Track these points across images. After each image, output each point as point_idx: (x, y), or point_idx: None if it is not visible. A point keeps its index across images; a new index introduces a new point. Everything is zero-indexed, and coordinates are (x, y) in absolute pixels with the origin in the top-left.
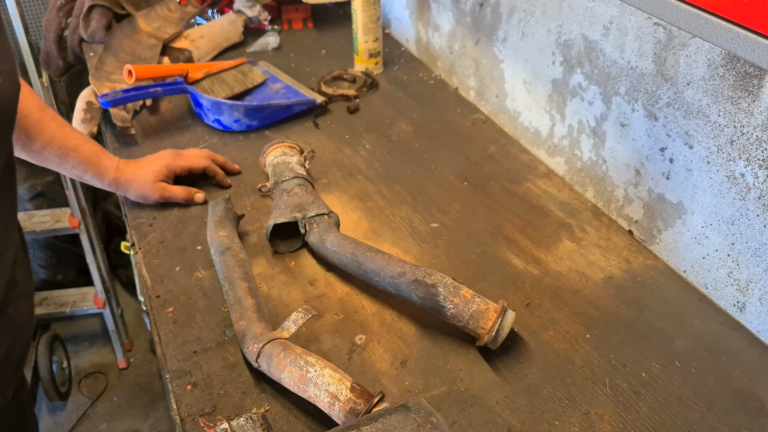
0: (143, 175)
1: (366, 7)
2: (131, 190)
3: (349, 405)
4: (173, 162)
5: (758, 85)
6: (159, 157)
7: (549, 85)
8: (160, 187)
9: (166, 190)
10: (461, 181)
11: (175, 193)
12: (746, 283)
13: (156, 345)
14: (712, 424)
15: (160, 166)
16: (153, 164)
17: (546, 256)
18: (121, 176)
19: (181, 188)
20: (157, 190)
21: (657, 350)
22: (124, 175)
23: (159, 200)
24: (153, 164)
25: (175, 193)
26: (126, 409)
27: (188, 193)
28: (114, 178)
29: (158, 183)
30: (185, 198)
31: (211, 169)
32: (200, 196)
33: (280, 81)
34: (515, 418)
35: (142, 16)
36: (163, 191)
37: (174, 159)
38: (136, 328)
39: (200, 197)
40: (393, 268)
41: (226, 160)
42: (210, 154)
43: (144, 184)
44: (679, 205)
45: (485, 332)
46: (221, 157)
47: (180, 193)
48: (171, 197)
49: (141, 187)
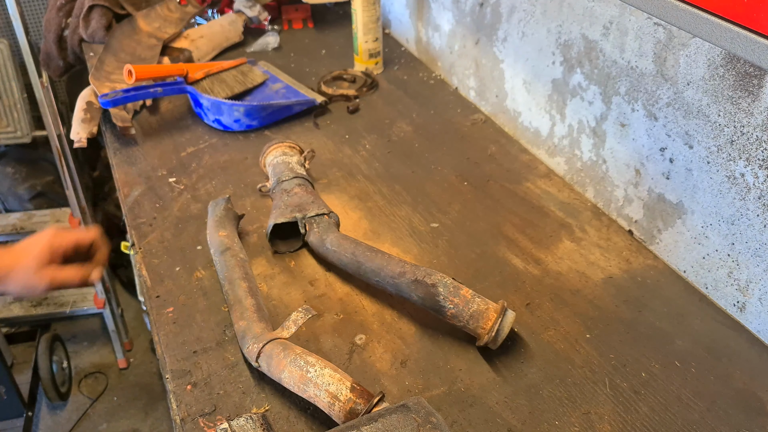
0: (23, 263)
1: (366, 7)
2: (11, 284)
3: (349, 405)
4: (55, 239)
5: (758, 85)
6: (38, 238)
7: (549, 85)
8: (47, 274)
9: (56, 277)
10: (461, 181)
11: (67, 277)
12: (746, 283)
13: (156, 345)
14: (712, 424)
15: (41, 247)
16: (33, 247)
17: (546, 256)
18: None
19: (73, 269)
20: (44, 277)
21: (657, 350)
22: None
23: (48, 289)
24: (33, 247)
25: (68, 277)
26: (126, 409)
27: (84, 273)
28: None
29: (44, 269)
30: (81, 278)
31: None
32: (97, 275)
33: (280, 81)
34: (515, 418)
35: (142, 16)
36: (52, 278)
37: (56, 235)
38: (136, 328)
39: (97, 276)
40: (393, 268)
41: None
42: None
43: (26, 272)
44: (679, 205)
45: (485, 332)
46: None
47: (74, 276)
48: (63, 283)
49: (23, 278)
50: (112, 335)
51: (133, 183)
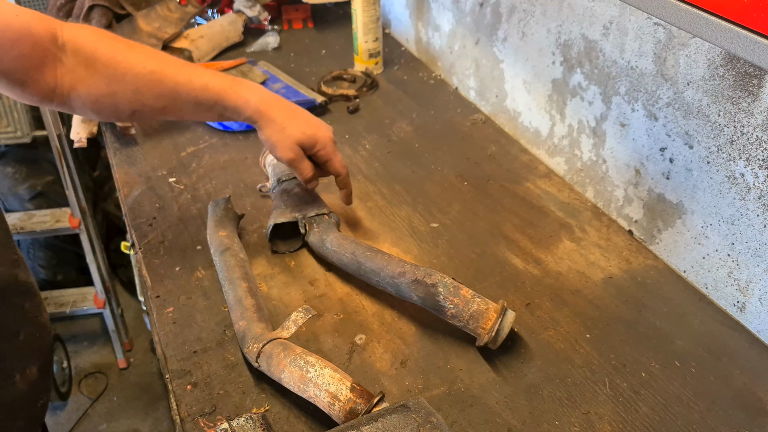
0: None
1: (366, 7)
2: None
3: (349, 405)
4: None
5: (758, 85)
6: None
7: (549, 85)
8: (297, 152)
9: (298, 160)
10: (461, 181)
11: (303, 168)
12: (746, 283)
13: (156, 345)
14: (712, 424)
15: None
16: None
17: (546, 256)
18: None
19: (311, 166)
20: (292, 152)
21: (657, 350)
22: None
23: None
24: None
25: (303, 169)
26: (126, 409)
27: (312, 176)
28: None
29: (297, 147)
30: (308, 178)
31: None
32: (314, 185)
33: (280, 81)
34: (515, 418)
35: (142, 16)
36: (295, 157)
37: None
38: (136, 328)
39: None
40: (393, 268)
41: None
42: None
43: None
44: (679, 205)
45: (485, 332)
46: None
47: (306, 172)
48: (298, 170)
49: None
50: (112, 335)
51: (133, 183)
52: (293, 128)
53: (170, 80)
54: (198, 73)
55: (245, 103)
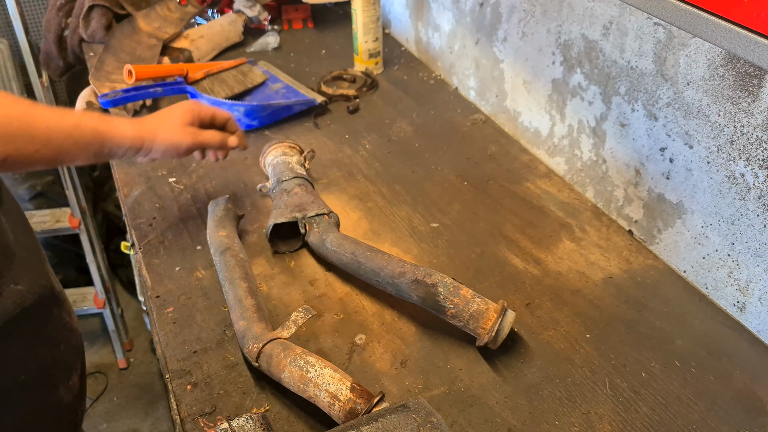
0: (170, 121)
1: (366, 7)
2: (158, 140)
3: (349, 405)
4: (197, 106)
5: (758, 85)
6: (179, 104)
7: (549, 85)
8: (191, 131)
9: (199, 134)
10: (461, 181)
11: (208, 137)
12: (746, 283)
13: (156, 345)
14: (712, 424)
15: (184, 110)
16: (176, 110)
17: (546, 256)
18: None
19: (214, 132)
20: (189, 134)
21: (657, 350)
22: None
23: (191, 147)
24: (176, 110)
25: (209, 137)
26: (126, 409)
27: (222, 137)
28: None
29: (188, 127)
30: (220, 142)
31: (232, 124)
32: (234, 140)
33: (280, 81)
34: (515, 418)
35: (142, 16)
36: (195, 135)
37: (198, 104)
38: (136, 328)
39: (234, 141)
40: (393, 268)
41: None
42: None
43: (173, 128)
44: (679, 205)
45: (485, 332)
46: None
47: (213, 137)
48: (204, 142)
49: (170, 134)
50: (112, 335)
51: (133, 183)
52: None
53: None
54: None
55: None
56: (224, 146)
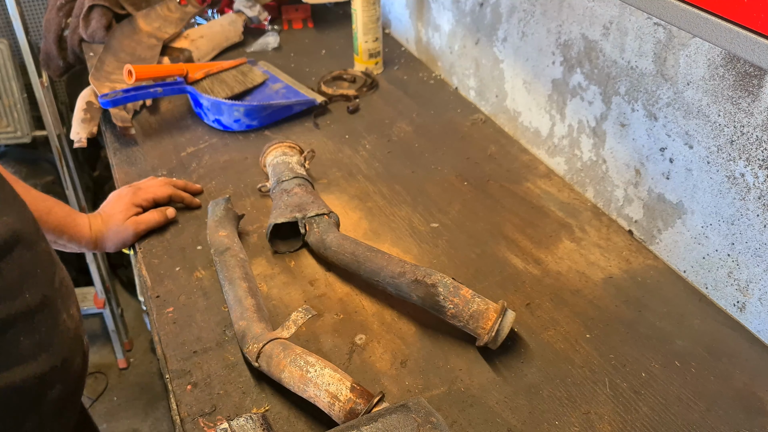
0: (113, 221)
1: (366, 7)
2: (108, 241)
3: (349, 405)
4: (135, 197)
5: (758, 85)
6: (119, 196)
7: (549, 85)
8: (131, 222)
9: (139, 222)
10: (461, 181)
11: (148, 219)
12: (746, 283)
13: (156, 345)
14: (712, 424)
15: (124, 205)
16: (117, 205)
17: (546, 256)
18: (93, 232)
19: (151, 212)
20: (129, 226)
21: (657, 350)
22: (96, 229)
23: (136, 236)
24: (117, 205)
25: (149, 219)
26: (126, 409)
27: (161, 214)
28: (89, 238)
29: (129, 220)
30: (159, 221)
31: (176, 195)
32: (171, 212)
33: (280, 81)
34: (515, 418)
35: (142, 16)
36: (136, 225)
37: (135, 194)
38: (136, 328)
39: (171, 213)
40: (393, 268)
41: (186, 183)
42: (169, 180)
43: (117, 228)
44: (679, 205)
45: (485, 332)
46: (180, 181)
47: (153, 218)
48: (147, 225)
49: (115, 234)
50: (112, 335)
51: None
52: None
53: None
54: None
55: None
56: (166, 220)
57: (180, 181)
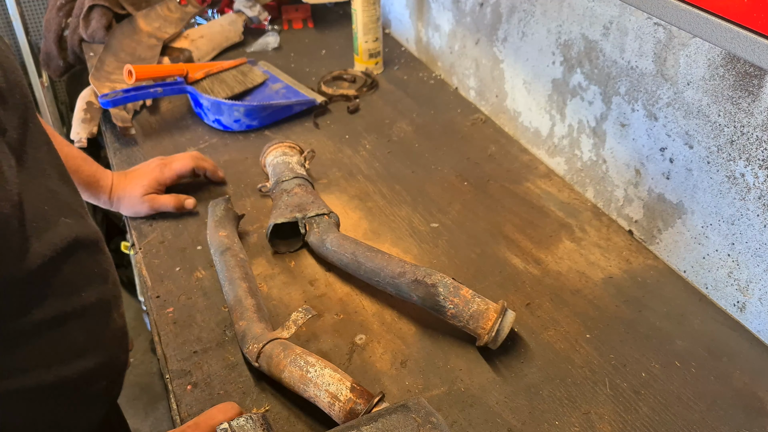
0: (132, 192)
1: (366, 7)
2: (123, 207)
3: (349, 405)
4: (162, 175)
5: (758, 85)
6: (148, 169)
7: (549, 85)
8: (149, 199)
9: (156, 201)
10: (461, 181)
11: (164, 202)
12: (746, 283)
13: (156, 345)
14: (712, 424)
15: (149, 180)
16: (143, 179)
17: (546, 256)
18: (113, 195)
19: (169, 197)
20: (146, 202)
21: (657, 350)
22: (116, 194)
23: (150, 212)
24: (143, 179)
25: (165, 203)
26: (126, 409)
27: (177, 201)
28: (108, 199)
29: (147, 196)
30: (175, 206)
31: (199, 167)
32: (190, 203)
33: (280, 81)
34: (515, 418)
35: (142, 16)
36: (152, 203)
37: (162, 171)
38: (136, 328)
39: (190, 203)
40: (393, 268)
41: (215, 166)
42: (197, 155)
43: (134, 200)
44: (679, 205)
45: (485, 332)
46: (209, 161)
47: (169, 202)
48: (161, 207)
49: (131, 204)
50: None
51: None
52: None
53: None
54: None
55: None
56: (180, 209)
57: (208, 161)
